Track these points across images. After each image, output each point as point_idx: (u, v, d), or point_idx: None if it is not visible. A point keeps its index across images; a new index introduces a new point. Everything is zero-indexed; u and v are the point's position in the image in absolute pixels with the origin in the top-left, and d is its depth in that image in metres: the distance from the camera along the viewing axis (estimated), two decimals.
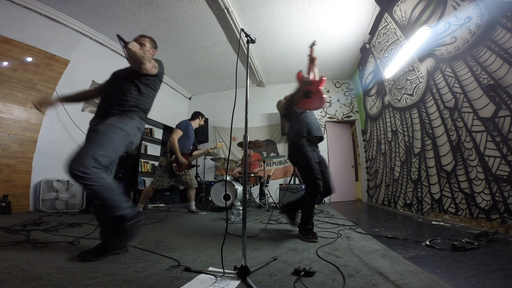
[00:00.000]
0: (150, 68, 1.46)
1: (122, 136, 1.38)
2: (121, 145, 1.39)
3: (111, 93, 1.52)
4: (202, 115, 3.70)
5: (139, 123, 1.51)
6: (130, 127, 1.43)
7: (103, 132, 1.33)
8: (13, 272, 1.07)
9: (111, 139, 1.33)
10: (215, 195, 3.64)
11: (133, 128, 1.45)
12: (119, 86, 1.51)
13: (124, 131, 1.39)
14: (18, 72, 3.10)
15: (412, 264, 1.21)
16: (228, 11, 3.52)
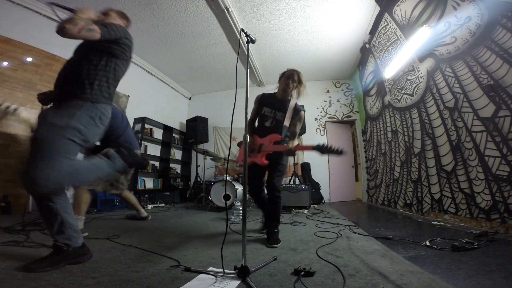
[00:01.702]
0: (76, 31, 1.10)
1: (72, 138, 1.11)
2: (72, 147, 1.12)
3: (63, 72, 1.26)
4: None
5: (94, 109, 1.19)
6: (79, 122, 1.13)
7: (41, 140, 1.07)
8: (13, 272, 1.07)
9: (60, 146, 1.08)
10: (215, 195, 3.64)
11: (84, 121, 1.15)
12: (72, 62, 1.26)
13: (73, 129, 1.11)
14: (18, 72, 3.10)
15: (412, 264, 1.21)
16: (228, 11, 3.52)
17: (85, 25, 1.12)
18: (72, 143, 1.11)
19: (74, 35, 1.12)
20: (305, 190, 4.00)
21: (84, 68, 1.21)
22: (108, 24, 1.24)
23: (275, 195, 1.94)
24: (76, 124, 1.12)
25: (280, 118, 2.01)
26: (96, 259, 1.29)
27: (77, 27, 1.11)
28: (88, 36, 1.14)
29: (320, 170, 5.50)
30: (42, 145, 1.05)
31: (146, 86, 5.31)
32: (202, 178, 4.96)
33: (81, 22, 1.12)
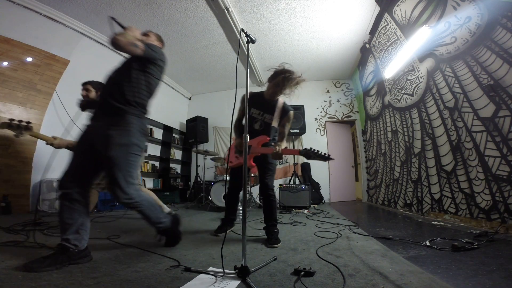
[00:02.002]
0: (125, 43, 1.26)
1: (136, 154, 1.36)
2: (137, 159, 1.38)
3: (106, 89, 1.41)
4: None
5: (140, 124, 1.39)
6: (137, 139, 1.35)
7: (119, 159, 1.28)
8: (13, 272, 1.07)
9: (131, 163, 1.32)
10: (215, 195, 3.64)
11: (139, 136, 1.37)
12: (114, 79, 1.41)
13: (135, 146, 1.34)
14: (18, 72, 3.10)
15: (412, 264, 1.21)
16: (228, 11, 3.52)
17: (133, 40, 1.32)
18: (136, 156, 1.35)
19: (122, 46, 1.28)
20: (305, 190, 4.00)
21: (129, 86, 1.37)
22: (150, 44, 1.43)
23: (269, 194, 1.95)
24: (134, 140, 1.34)
25: (268, 120, 2.00)
26: (96, 259, 1.29)
27: (126, 41, 1.29)
28: (133, 51, 1.32)
29: (320, 170, 5.49)
30: (119, 165, 1.27)
31: None
32: (202, 178, 4.96)
33: (130, 37, 1.31)
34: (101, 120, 1.35)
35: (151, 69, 1.42)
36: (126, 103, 1.34)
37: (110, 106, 1.33)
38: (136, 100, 1.37)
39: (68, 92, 3.53)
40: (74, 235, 1.23)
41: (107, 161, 1.27)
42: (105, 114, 1.35)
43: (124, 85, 1.35)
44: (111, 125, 1.30)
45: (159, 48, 1.51)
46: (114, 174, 1.26)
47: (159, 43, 1.69)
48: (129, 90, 1.35)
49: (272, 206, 1.95)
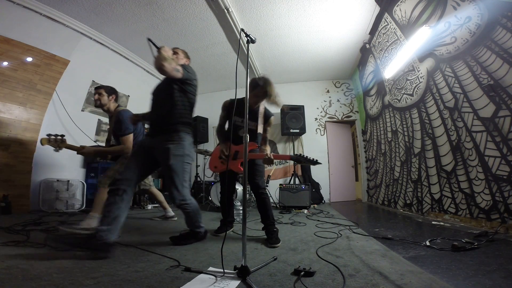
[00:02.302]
0: (170, 69, 1.47)
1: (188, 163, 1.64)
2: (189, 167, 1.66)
3: (156, 110, 1.66)
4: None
5: (189, 138, 1.67)
6: (188, 150, 1.62)
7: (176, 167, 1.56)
8: (13, 272, 1.07)
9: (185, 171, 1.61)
10: (215, 195, 3.64)
11: (190, 148, 1.65)
12: (161, 101, 1.64)
13: (187, 156, 1.62)
14: (18, 72, 3.10)
15: (412, 264, 1.21)
16: (228, 11, 3.52)
17: (175, 65, 1.52)
18: (188, 165, 1.63)
19: (168, 72, 1.48)
20: (305, 190, 4.00)
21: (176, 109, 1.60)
22: (186, 66, 1.64)
23: (261, 193, 1.99)
24: (187, 151, 1.61)
25: (252, 127, 2.03)
26: (96, 259, 1.29)
27: (171, 67, 1.48)
28: (175, 75, 1.52)
29: (320, 170, 5.49)
30: (177, 171, 1.55)
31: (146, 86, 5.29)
32: (202, 178, 4.96)
33: (173, 62, 1.51)
34: (158, 136, 1.60)
35: (188, 88, 1.65)
36: (177, 123, 1.61)
37: (166, 125, 1.60)
38: (183, 120, 1.64)
39: (68, 92, 3.54)
40: (107, 226, 1.38)
41: (167, 169, 1.54)
42: (161, 131, 1.61)
43: (172, 108, 1.60)
44: (168, 140, 1.56)
45: (192, 68, 1.71)
46: (173, 179, 1.54)
47: (187, 60, 1.86)
48: (178, 112, 1.61)
49: (266, 204, 1.97)
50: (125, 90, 4.67)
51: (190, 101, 1.67)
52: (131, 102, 4.81)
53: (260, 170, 2.04)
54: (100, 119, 4.17)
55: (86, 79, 3.92)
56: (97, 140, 3.97)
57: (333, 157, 5.64)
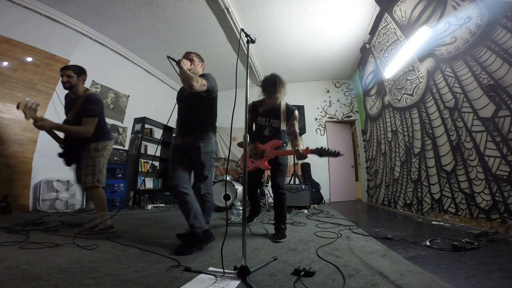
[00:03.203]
0: (199, 87, 1.62)
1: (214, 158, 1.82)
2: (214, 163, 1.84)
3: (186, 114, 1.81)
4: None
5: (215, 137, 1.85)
6: (215, 147, 1.81)
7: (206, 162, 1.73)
8: (13, 272, 1.07)
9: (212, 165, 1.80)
10: (215, 195, 3.63)
11: (215, 146, 1.82)
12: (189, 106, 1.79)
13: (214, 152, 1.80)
14: (18, 72, 3.10)
15: (412, 264, 1.21)
16: (228, 11, 3.52)
17: (202, 82, 1.65)
18: (214, 160, 1.82)
19: (197, 89, 1.63)
20: (305, 190, 4.00)
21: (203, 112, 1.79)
22: (207, 77, 1.79)
23: (280, 192, 2.11)
24: (214, 149, 1.80)
25: (276, 125, 2.16)
26: (96, 259, 1.30)
27: (199, 85, 1.62)
28: (203, 89, 1.69)
29: (320, 170, 5.50)
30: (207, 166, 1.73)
31: (146, 86, 5.32)
32: None
33: (200, 80, 1.64)
34: (189, 136, 1.76)
35: (212, 95, 1.81)
36: (205, 124, 1.78)
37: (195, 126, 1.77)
38: (210, 120, 1.81)
39: None
40: (195, 220, 1.58)
41: (200, 164, 1.71)
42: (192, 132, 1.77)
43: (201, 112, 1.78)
44: (199, 139, 1.73)
45: (212, 76, 1.85)
46: (205, 173, 1.72)
47: (202, 63, 2.02)
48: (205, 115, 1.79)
49: (282, 204, 2.10)
50: (125, 90, 4.67)
51: (214, 104, 1.85)
52: (131, 102, 4.81)
53: (282, 169, 2.16)
54: None
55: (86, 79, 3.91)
56: None
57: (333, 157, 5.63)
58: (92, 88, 4.07)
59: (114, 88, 4.44)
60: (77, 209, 3.40)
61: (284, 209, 2.10)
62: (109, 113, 4.38)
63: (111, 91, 4.39)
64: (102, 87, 4.21)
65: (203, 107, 1.79)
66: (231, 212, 2.87)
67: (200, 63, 1.99)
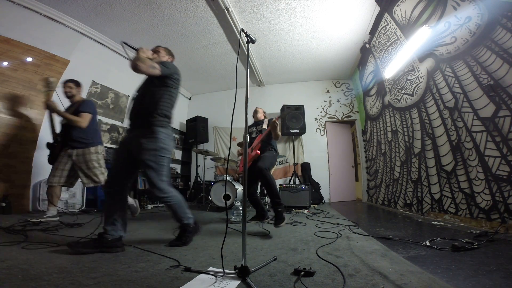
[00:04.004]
0: (146, 68, 1.46)
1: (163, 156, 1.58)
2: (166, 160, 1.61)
3: (136, 104, 1.66)
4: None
5: (166, 132, 1.62)
6: (165, 144, 1.58)
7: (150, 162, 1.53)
8: (13, 272, 1.07)
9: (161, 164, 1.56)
10: (215, 195, 3.64)
11: (167, 142, 1.60)
12: (141, 95, 1.65)
13: (163, 150, 1.57)
14: (18, 72, 3.10)
15: (412, 264, 1.21)
16: (228, 11, 3.52)
17: (151, 64, 1.50)
18: (164, 158, 1.57)
19: (143, 71, 1.47)
20: (305, 190, 4.00)
21: (152, 102, 1.59)
22: (164, 62, 1.62)
23: (261, 169, 2.22)
24: (163, 144, 1.56)
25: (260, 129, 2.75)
26: (96, 259, 1.30)
27: (146, 66, 1.46)
28: (152, 72, 1.51)
29: (320, 170, 5.50)
30: (151, 166, 1.52)
31: None
32: (202, 178, 4.96)
33: (148, 61, 1.49)
34: (134, 131, 1.59)
35: (169, 83, 1.64)
36: (152, 116, 1.57)
37: (140, 120, 1.59)
38: (159, 112, 1.59)
39: None
40: (111, 226, 1.48)
41: (143, 165, 1.52)
42: (136, 126, 1.60)
43: (148, 101, 1.60)
44: (142, 135, 1.54)
45: (172, 63, 1.70)
46: (149, 174, 1.52)
47: (170, 57, 1.88)
48: (153, 105, 1.59)
49: (269, 181, 2.16)
50: (125, 90, 4.67)
51: (170, 94, 1.65)
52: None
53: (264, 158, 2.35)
54: (100, 119, 4.17)
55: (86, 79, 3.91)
56: None
57: (333, 157, 5.64)
58: (92, 88, 4.07)
59: (114, 88, 4.43)
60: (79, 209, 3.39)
61: (272, 187, 2.13)
62: (109, 113, 4.38)
63: (111, 91, 4.39)
64: (102, 87, 4.21)
65: (154, 96, 1.59)
66: (231, 212, 2.87)
67: (167, 56, 1.85)
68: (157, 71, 1.52)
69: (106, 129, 4.30)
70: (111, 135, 4.35)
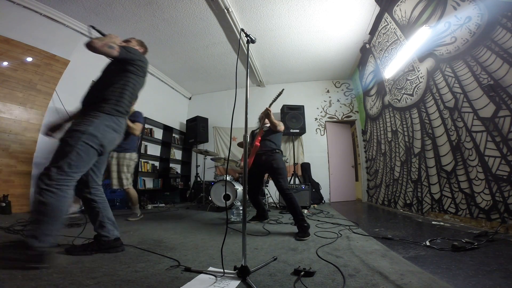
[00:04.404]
0: (100, 45, 1.30)
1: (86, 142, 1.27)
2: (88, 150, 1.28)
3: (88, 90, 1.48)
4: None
5: (108, 119, 1.36)
6: (97, 129, 1.30)
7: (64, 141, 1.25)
8: (13, 272, 1.07)
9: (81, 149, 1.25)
10: (215, 195, 3.64)
11: (101, 128, 1.32)
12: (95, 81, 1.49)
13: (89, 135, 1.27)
14: (18, 72, 3.10)
15: (412, 264, 1.21)
16: (228, 11, 3.52)
17: (108, 42, 1.35)
18: (86, 146, 1.27)
19: (98, 48, 1.31)
20: (305, 190, 4.00)
21: (104, 86, 1.43)
22: (127, 46, 1.48)
23: (286, 193, 2.23)
24: (92, 130, 1.29)
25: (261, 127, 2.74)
26: (96, 259, 1.30)
27: (101, 42, 1.32)
28: (108, 52, 1.35)
29: (320, 170, 5.50)
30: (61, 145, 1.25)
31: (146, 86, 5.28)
32: (202, 178, 4.96)
33: (105, 39, 1.36)
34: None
35: (129, 69, 1.46)
36: (101, 101, 1.37)
37: (85, 106, 1.41)
38: (110, 98, 1.39)
39: (68, 92, 3.54)
40: (101, 229, 1.44)
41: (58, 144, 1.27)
42: (82, 113, 1.40)
43: (101, 87, 1.43)
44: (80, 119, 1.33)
45: (137, 50, 1.57)
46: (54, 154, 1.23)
47: (141, 48, 1.78)
48: (105, 90, 1.40)
49: (293, 203, 2.17)
50: None
51: (128, 82, 1.46)
52: None
53: (280, 172, 2.34)
54: None
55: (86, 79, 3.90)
56: None
57: (333, 157, 5.64)
58: None
59: None
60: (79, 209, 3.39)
61: (297, 207, 2.14)
62: None
63: None
64: None
65: (109, 81, 1.42)
66: (231, 212, 2.87)
67: (138, 47, 1.73)
68: (115, 52, 1.36)
69: None
70: None
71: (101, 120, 1.33)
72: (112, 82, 1.42)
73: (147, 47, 1.86)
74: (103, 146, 1.35)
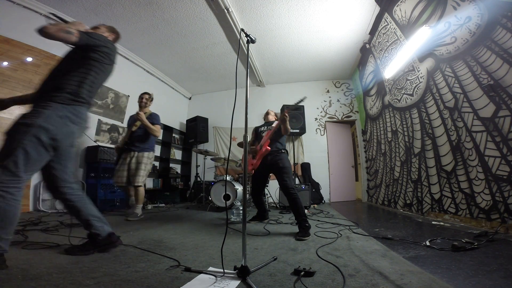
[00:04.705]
0: (55, 30, 1.18)
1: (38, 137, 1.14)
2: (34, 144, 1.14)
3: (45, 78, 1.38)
4: None
5: (62, 109, 1.23)
6: (47, 121, 1.17)
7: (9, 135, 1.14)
8: (13, 272, 1.07)
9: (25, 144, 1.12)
10: (215, 195, 3.64)
11: (53, 120, 1.19)
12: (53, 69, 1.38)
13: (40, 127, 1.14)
14: (18, 72, 3.10)
15: (412, 264, 1.21)
16: (228, 11, 3.52)
17: (64, 27, 1.22)
18: (36, 142, 1.13)
19: (51, 34, 1.19)
20: (305, 190, 4.00)
21: (60, 74, 1.31)
22: (90, 32, 1.35)
23: (290, 193, 2.22)
24: (41, 122, 1.15)
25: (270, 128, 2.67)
26: (96, 259, 1.30)
27: (56, 28, 1.19)
28: (65, 37, 1.21)
29: (320, 170, 5.50)
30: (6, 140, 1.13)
31: (146, 86, 5.30)
32: (202, 178, 4.96)
33: (62, 25, 1.23)
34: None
35: (92, 56, 1.34)
36: (55, 90, 1.25)
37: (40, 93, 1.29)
38: (66, 87, 1.27)
39: None
40: (90, 228, 1.40)
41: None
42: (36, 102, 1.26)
43: (58, 74, 1.31)
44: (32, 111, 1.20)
45: (103, 36, 1.42)
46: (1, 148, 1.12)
47: (112, 34, 1.62)
48: (61, 78, 1.29)
49: (297, 203, 2.17)
50: (125, 90, 4.67)
51: (90, 71, 1.34)
52: (131, 102, 4.81)
53: (285, 171, 2.34)
54: (100, 119, 4.17)
55: None
56: (97, 140, 3.97)
57: (333, 157, 5.64)
58: None
59: (114, 88, 4.44)
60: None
61: (300, 207, 2.15)
62: (109, 113, 4.38)
63: (111, 91, 4.39)
64: (102, 87, 4.21)
65: (67, 69, 1.31)
66: (231, 212, 2.87)
67: (108, 34, 1.59)
68: (73, 38, 1.22)
69: (106, 129, 4.30)
70: (111, 135, 4.36)
71: (53, 111, 1.19)
72: (69, 70, 1.30)
73: (119, 33, 1.72)
74: (56, 140, 1.19)
